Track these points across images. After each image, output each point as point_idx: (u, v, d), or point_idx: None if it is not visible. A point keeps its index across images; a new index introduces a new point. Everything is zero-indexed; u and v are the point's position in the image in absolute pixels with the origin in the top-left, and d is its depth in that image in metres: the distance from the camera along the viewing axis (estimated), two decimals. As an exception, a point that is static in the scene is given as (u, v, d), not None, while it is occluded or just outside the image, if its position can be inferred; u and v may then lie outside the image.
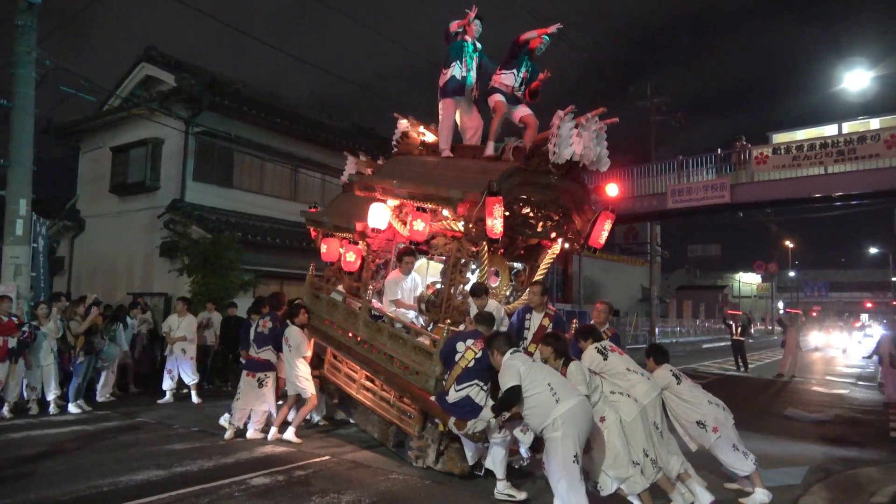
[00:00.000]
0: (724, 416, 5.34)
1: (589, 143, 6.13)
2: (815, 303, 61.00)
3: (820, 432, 8.94)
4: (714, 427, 5.23)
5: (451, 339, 5.52)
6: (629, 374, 5.04)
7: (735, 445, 5.27)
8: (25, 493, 5.10)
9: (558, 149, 6.11)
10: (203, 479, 5.58)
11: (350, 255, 7.61)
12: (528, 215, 6.97)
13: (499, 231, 6.01)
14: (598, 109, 6.24)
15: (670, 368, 5.48)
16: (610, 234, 8.08)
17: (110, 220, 15.71)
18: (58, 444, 6.91)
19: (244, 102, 15.76)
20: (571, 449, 4.33)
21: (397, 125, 8.22)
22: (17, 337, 8.32)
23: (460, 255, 6.47)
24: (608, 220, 6.77)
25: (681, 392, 5.36)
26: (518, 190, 6.51)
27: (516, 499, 5.14)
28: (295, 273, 15.39)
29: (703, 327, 43.50)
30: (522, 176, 6.42)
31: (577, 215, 6.96)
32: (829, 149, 17.45)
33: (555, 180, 6.52)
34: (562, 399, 4.44)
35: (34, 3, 9.59)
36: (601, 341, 5.36)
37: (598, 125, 6.28)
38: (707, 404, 5.34)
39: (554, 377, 4.67)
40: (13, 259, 9.42)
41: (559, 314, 6.29)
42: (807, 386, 15.08)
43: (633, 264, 41.76)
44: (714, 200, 19.07)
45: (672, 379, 5.39)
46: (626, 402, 4.83)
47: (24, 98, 9.60)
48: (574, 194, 6.84)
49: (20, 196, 9.52)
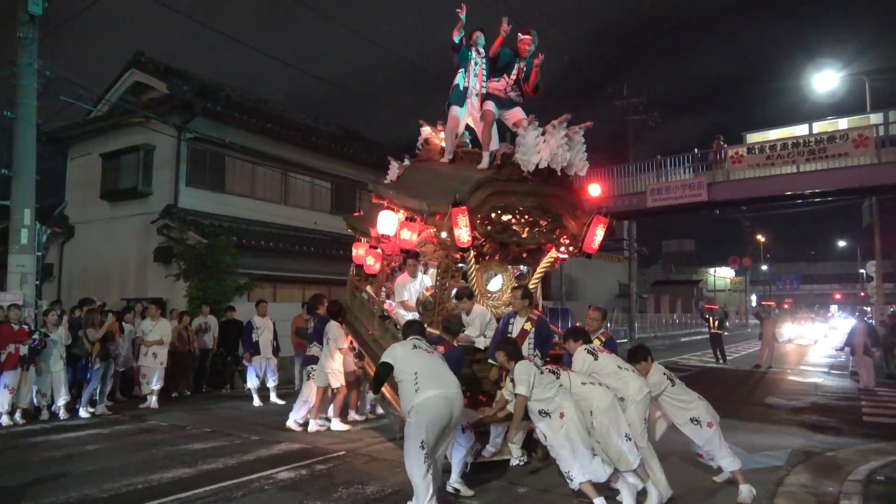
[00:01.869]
0: (713, 412, 5.42)
1: (557, 149, 6.22)
2: (788, 295, 62.63)
3: (799, 419, 9.51)
4: (709, 422, 5.31)
5: None
6: (621, 373, 5.16)
7: (722, 441, 5.36)
8: (66, 492, 5.38)
9: (525, 156, 6.28)
10: (231, 475, 5.90)
11: (370, 258, 7.94)
12: (509, 222, 6.94)
13: (465, 241, 6.21)
14: (564, 116, 6.36)
15: (664, 371, 5.48)
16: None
17: (101, 227, 15.79)
18: (79, 447, 7.15)
19: (235, 108, 15.96)
20: (419, 437, 4.51)
21: (420, 132, 8.37)
22: (29, 344, 8.52)
23: (447, 261, 6.81)
24: (601, 224, 6.78)
25: (675, 393, 5.40)
26: (496, 199, 6.62)
27: (461, 493, 5.31)
28: (289, 276, 15.69)
29: (680, 321, 44.45)
30: (495, 185, 6.58)
31: (570, 220, 6.98)
32: (800, 148, 18.17)
33: (533, 187, 6.57)
34: (421, 389, 4.59)
35: (35, 14, 9.73)
36: (590, 343, 5.51)
37: (571, 130, 6.39)
38: (698, 400, 5.42)
39: (425, 367, 4.73)
40: (19, 268, 9.59)
41: (544, 318, 6.25)
42: (783, 376, 15.76)
43: (610, 261, 42.48)
44: (692, 199, 19.69)
45: (667, 382, 5.39)
46: (599, 391, 4.95)
47: (27, 109, 9.75)
48: (563, 199, 6.83)
49: (25, 205, 9.69)
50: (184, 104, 14.34)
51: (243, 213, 15.69)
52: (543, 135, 6.27)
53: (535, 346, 5.94)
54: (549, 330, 6.10)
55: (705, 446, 5.38)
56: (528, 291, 6.27)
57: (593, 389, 4.98)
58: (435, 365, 4.85)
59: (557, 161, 6.25)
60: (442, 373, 4.81)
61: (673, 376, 5.51)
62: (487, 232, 6.75)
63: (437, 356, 4.99)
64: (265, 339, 10.66)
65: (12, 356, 8.38)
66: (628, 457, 4.80)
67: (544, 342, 6.00)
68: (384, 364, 4.86)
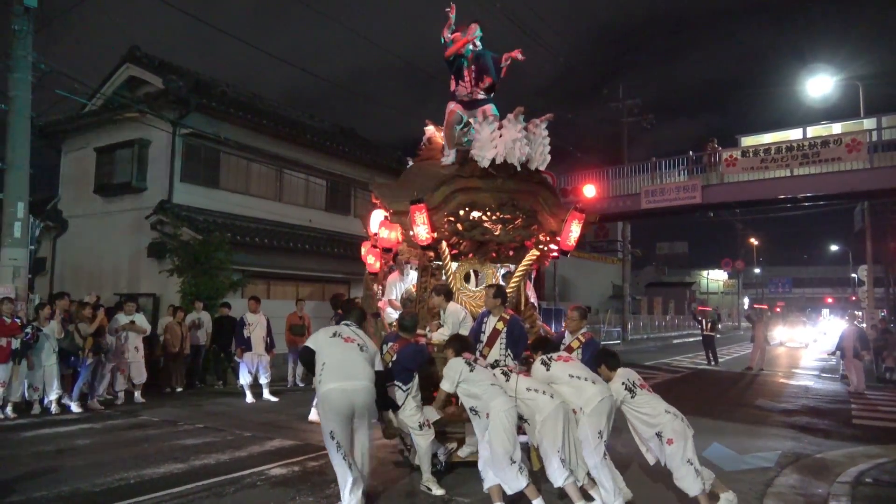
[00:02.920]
0: (681, 427, 4.94)
1: (512, 144, 6.12)
2: (780, 298, 62.92)
3: (789, 421, 9.58)
4: (669, 439, 4.88)
5: (382, 342, 5.81)
6: (574, 381, 5.02)
7: (690, 461, 4.84)
8: (57, 486, 5.37)
9: (480, 152, 6.22)
10: (223, 471, 5.91)
11: (370, 257, 7.93)
12: (479, 220, 6.75)
13: (423, 238, 6.28)
14: (518, 109, 6.28)
15: (623, 381, 5.13)
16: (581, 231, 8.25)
17: (95, 221, 15.70)
18: (71, 441, 7.14)
19: (230, 104, 15.92)
20: (328, 427, 4.64)
21: (424, 130, 8.25)
22: (21, 338, 8.48)
23: (424, 259, 6.86)
24: (576, 220, 6.53)
25: (638, 405, 5.05)
26: (461, 196, 6.58)
27: (433, 492, 5.32)
28: (283, 273, 15.66)
29: (672, 323, 44.63)
30: (458, 182, 6.55)
31: (548, 216, 6.77)
32: (794, 152, 18.26)
33: (501, 183, 6.47)
34: (323, 381, 4.68)
35: (30, 6, 9.68)
36: (551, 352, 5.39)
37: (531, 123, 6.29)
38: (664, 413, 4.99)
39: (333, 357, 4.77)
40: (12, 261, 9.54)
41: (516, 318, 6.10)
42: (774, 378, 15.87)
43: (604, 262, 42.63)
44: (686, 201, 19.77)
45: (626, 393, 5.05)
46: (542, 400, 4.89)
47: (21, 102, 9.70)
48: (535, 195, 6.64)
49: (18, 199, 9.64)
50: (179, 99, 14.28)
51: (237, 210, 15.64)
52: (500, 129, 6.21)
53: (507, 345, 5.84)
54: (521, 330, 5.94)
55: (668, 464, 4.97)
56: (501, 290, 6.15)
57: (537, 397, 4.91)
58: (346, 356, 4.80)
59: (515, 155, 6.14)
60: (349, 365, 4.76)
61: (635, 386, 5.12)
62: (456, 229, 6.65)
63: (353, 347, 4.87)
64: (257, 335, 10.64)
65: (4, 350, 8.35)
66: (555, 473, 4.77)
67: (516, 342, 5.85)
68: (306, 348, 4.96)
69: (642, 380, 5.26)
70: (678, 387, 13.99)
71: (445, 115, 7.29)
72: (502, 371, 5.29)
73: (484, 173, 6.35)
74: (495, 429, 4.72)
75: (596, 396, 4.91)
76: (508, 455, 4.66)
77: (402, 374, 5.41)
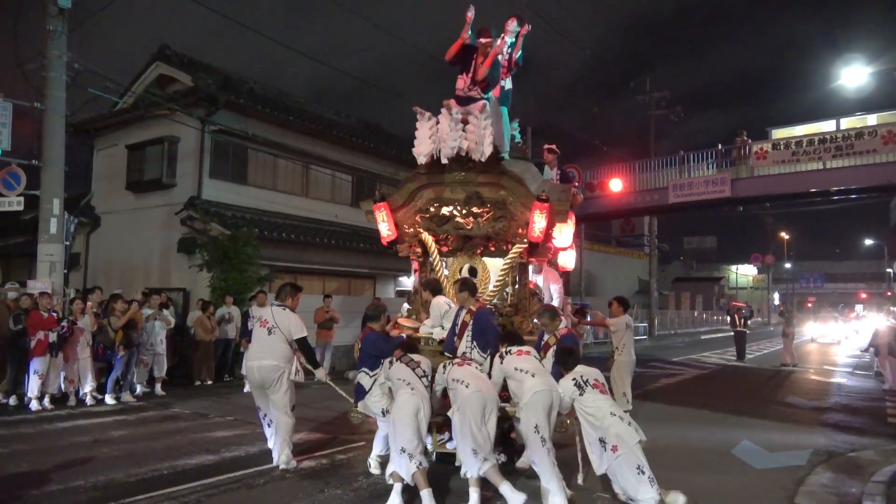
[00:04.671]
0: (627, 432, 4.62)
1: (446, 136, 6.10)
2: (811, 294, 61.74)
3: (821, 418, 9.41)
4: (613, 446, 4.61)
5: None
6: (516, 374, 5.03)
7: (640, 468, 4.54)
8: (94, 476, 5.51)
9: (417, 148, 6.27)
10: (253, 463, 6.01)
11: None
12: (450, 215, 6.70)
13: (385, 235, 6.68)
14: (447, 101, 6.23)
15: (574, 377, 4.95)
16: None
17: (126, 217, 16.03)
18: (105, 433, 7.32)
19: (258, 101, 16.10)
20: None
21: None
22: (57, 332, 8.71)
23: (412, 255, 7.01)
24: (538, 210, 6.16)
25: (585, 404, 4.83)
26: (427, 192, 6.63)
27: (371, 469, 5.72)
28: (309, 268, 15.83)
29: (700, 319, 44.07)
30: (421, 179, 6.61)
31: (523, 208, 6.50)
32: (827, 144, 17.90)
33: (463, 176, 6.43)
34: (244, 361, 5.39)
35: (64, 7, 9.90)
36: (514, 345, 5.30)
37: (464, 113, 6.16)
38: (609, 417, 4.71)
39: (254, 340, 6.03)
40: (48, 256, 9.80)
41: (483, 310, 5.96)
42: (806, 375, 15.57)
43: (630, 256, 42.21)
44: (715, 195, 19.51)
45: (575, 390, 4.88)
46: (460, 390, 4.92)
47: (56, 100, 9.95)
48: (502, 186, 6.48)
49: (54, 195, 9.89)
50: (208, 97, 14.48)
51: (265, 205, 15.84)
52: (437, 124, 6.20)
53: (473, 337, 5.76)
54: (486, 322, 5.79)
55: (609, 473, 4.70)
56: (467, 283, 6.12)
57: (458, 387, 4.95)
58: (261, 338, 5.90)
59: (448, 149, 6.09)
60: (261, 345, 5.89)
61: (586, 384, 4.89)
62: (429, 225, 6.73)
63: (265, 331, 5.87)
64: None
65: (41, 343, 8.59)
66: (466, 463, 4.76)
67: (481, 334, 5.72)
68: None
69: (600, 380, 5.01)
70: (707, 383, 13.83)
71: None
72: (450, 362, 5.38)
73: (443, 169, 6.39)
74: (398, 413, 4.92)
75: (531, 389, 4.85)
76: (401, 442, 4.81)
77: (368, 360, 5.65)
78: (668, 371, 15.87)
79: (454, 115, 6.10)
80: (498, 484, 4.70)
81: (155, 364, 10.29)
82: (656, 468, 4.65)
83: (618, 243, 42.01)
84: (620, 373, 8.22)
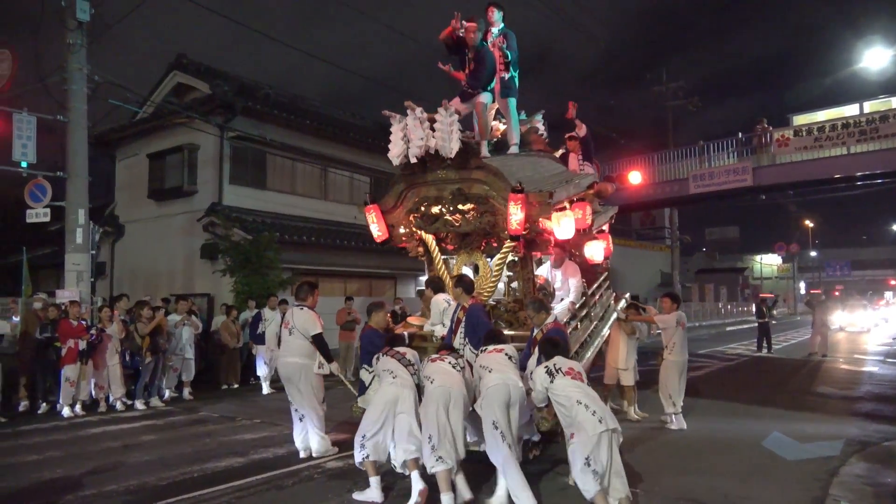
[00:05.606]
0: (588, 420, 4.40)
1: (414, 136, 6.14)
2: (838, 282, 60.55)
3: (853, 408, 9.24)
4: (572, 433, 4.50)
5: None
6: (480, 370, 5.03)
7: (588, 460, 4.31)
8: (125, 480, 5.61)
9: (392, 149, 6.32)
10: (281, 464, 6.06)
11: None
12: (440, 213, 6.74)
13: (376, 235, 6.90)
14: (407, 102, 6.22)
15: (546, 366, 4.79)
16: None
17: (149, 225, 16.28)
18: (136, 438, 7.44)
19: (273, 106, 16.24)
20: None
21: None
22: (86, 339, 8.87)
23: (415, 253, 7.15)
24: (513, 202, 6.01)
25: (555, 391, 4.65)
26: (415, 192, 6.72)
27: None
28: (330, 270, 15.92)
29: (725, 310, 43.50)
30: (407, 180, 6.69)
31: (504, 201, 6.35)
32: (850, 129, 17.57)
33: (444, 174, 6.44)
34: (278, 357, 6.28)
35: (83, 21, 10.05)
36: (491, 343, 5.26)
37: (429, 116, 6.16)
38: (576, 405, 4.51)
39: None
40: (75, 266, 9.98)
41: (475, 307, 5.92)
42: (836, 364, 15.30)
43: (651, 249, 41.78)
44: (736, 184, 19.27)
45: (546, 378, 4.71)
46: (426, 387, 4.94)
47: (78, 113, 10.12)
48: (480, 182, 6.43)
49: (79, 206, 10.07)
50: (225, 104, 14.66)
51: (284, 209, 15.97)
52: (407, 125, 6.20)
53: (465, 333, 5.80)
54: (476, 319, 5.80)
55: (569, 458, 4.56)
56: (461, 280, 6.15)
57: (426, 383, 4.98)
58: (285, 338, 6.46)
59: (415, 148, 6.13)
60: (285, 344, 6.45)
61: (558, 371, 4.71)
62: (421, 225, 6.84)
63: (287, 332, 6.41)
64: (271, 331, 10.88)
65: (72, 350, 8.75)
66: (424, 458, 4.74)
67: (472, 330, 5.74)
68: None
69: (575, 368, 4.81)
70: (735, 375, 13.66)
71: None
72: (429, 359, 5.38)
73: (423, 169, 6.44)
74: (373, 402, 5.19)
75: (487, 384, 4.81)
76: (362, 433, 5.00)
77: (367, 356, 5.91)
78: (695, 363, 15.65)
79: (418, 115, 6.13)
80: (442, 490, 4.61)
81: (183, 369, 10.42)
82: (682, 460, 4.58)
83: (638, 236, 41.62)
84: (667, 373, 7.76)
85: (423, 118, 6.09)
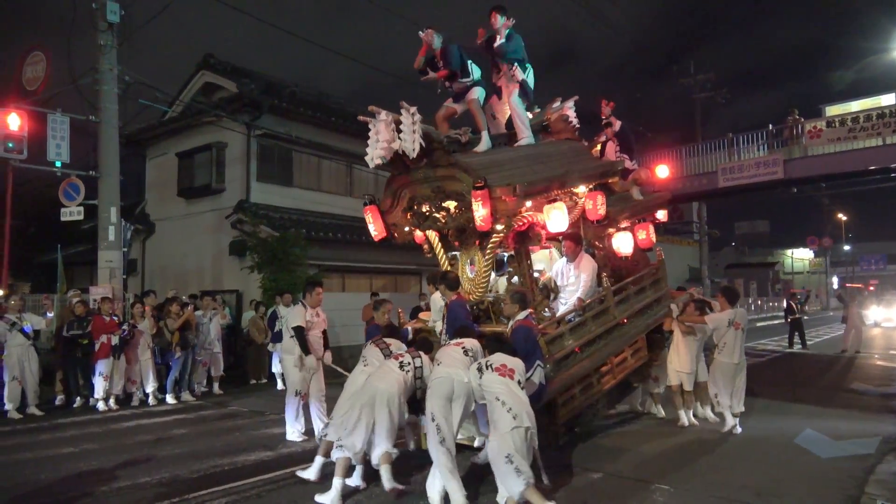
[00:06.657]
0: (503, 418, 4.40)
1: (388, 137, 6.19)
2: (873, 276, 59.09)
3: (889, 405, 9.02)
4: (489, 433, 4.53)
5: None
6: (433, 365, 5.14)
7: (510, 457, 4.29)
8: (158, 472, 5.73)
9: (370, 152, 6.37)
10: (310, 459, 6.02)
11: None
12: (430, 211, 6.81)
13: (374, 234, 7.10)
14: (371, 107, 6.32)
15: (479, 362, 4.88)
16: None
17: (179, 223, 16.53)
18: (167, 431, 7.59)
19: (299, 104, 16.36)
20: None
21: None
22: (119, 335, 9.06)
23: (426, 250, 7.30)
24: (473, 198, 5.97)
25: (483, 387, 4.69)
26: (405, 191, 6.84)
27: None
28: (356, 266, 16.00)
29: (756, 305, 42.77)
30: (398, 180, 6.81)
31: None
32: (886, 119, 17.07)
33: (425, 172, 6.50)
34: None
35: (113, 22, 10.24)
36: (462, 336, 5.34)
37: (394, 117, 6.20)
38: (494, 401, 4.53)
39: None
40: (108, 263, 10.20)
41: (456, 302, 6.06)
42: (871, 361, 14.95)
43: (680, 244, 41.20)
44: (767, 177, 18.86)
45: (477, 374, 4.77)
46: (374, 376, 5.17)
47: (110, 113, 10.32)
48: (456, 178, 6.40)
49: (111, 204, 10.27)
50: (252, 102, 14.80)
51: (311, 206, 16.09)
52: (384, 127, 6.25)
53: (446, 329, 5.98)
54: (454, 314, 5.94)
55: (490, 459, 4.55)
56: (445, 276, 6.35)
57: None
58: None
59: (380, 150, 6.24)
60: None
61: (488, 367, 4.73)
62: (416, 223, 6.99)
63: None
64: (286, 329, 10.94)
65: (105, 346, 8.96)
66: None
67: (451, 323, 5.91)
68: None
69: (508, 365, 4.75)
70: (767, 371, 13.41)
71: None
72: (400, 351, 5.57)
73: (406, 168, 6.53)
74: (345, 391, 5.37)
75: (433, 377, 4.93)
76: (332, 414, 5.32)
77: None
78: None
79: (383, 118, 6.20)
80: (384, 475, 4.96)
81: (212, 363, 10.59)
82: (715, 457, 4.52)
83: (665, 231, 41.07)
84: (714, 374, 7.43)
85: (388, 120, 6.15)
